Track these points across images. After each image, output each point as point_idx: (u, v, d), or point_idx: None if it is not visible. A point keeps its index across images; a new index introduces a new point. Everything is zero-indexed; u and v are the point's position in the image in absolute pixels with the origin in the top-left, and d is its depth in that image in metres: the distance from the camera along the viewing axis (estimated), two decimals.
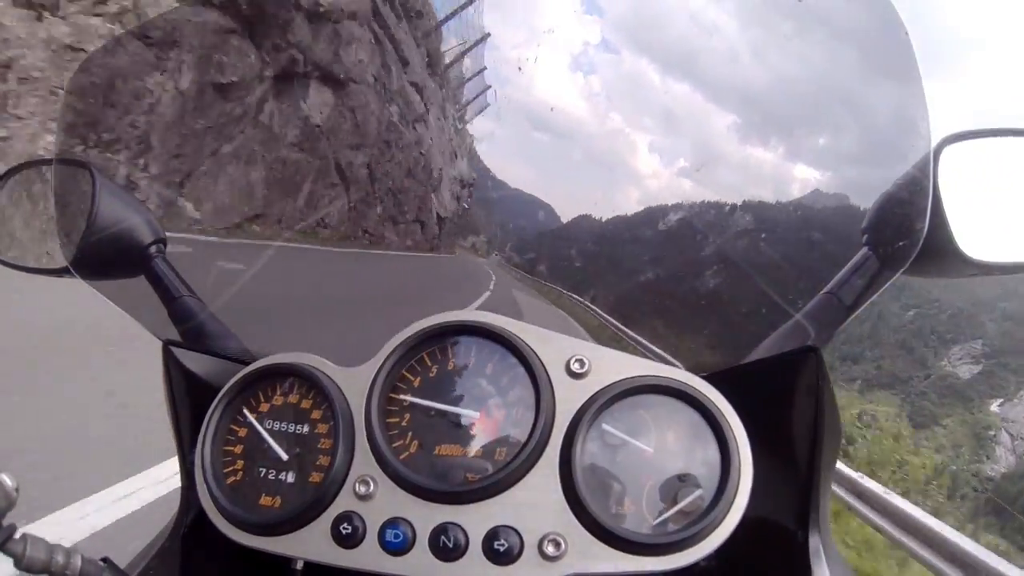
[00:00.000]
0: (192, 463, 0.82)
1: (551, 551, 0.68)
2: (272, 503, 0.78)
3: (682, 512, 0.69)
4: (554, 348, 0.79)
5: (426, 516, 0.73)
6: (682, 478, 0.71)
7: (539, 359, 0.78)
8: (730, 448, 0.70)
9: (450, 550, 0.70)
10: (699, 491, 0.70)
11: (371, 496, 0.75)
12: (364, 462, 0.77)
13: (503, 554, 0.69)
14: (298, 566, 0.77)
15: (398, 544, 0.72)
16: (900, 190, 0.82)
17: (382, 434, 0.78)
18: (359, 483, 0.76)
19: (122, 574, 0.67)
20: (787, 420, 0.77)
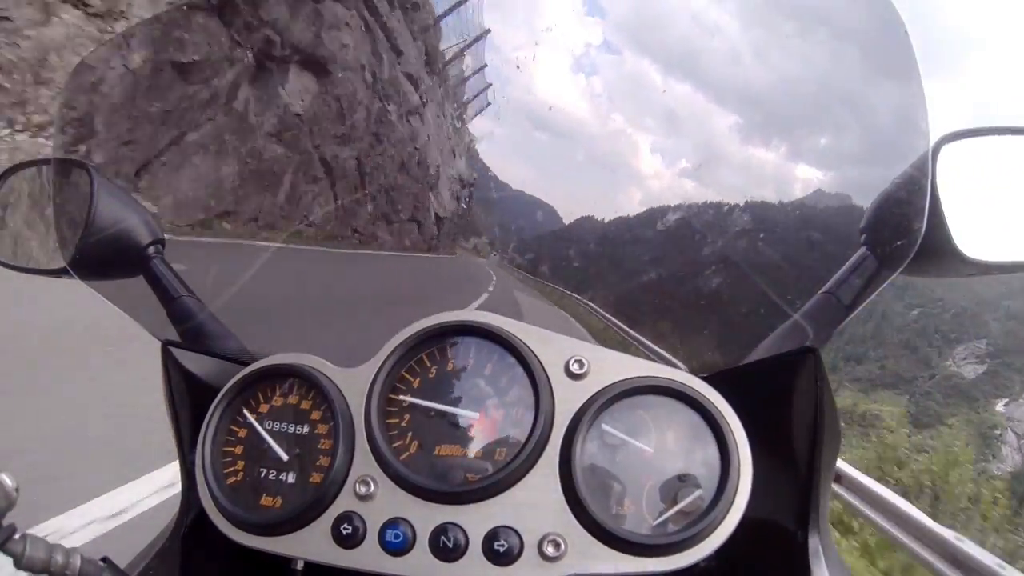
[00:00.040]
0: (192, 463, 0.82)
1: (551, 551, 0.68)
2: (272, 503, 0.78)
3: (682, 512, 0.69)
4: (553, 349, 0.79)
5: (426, 516, 0.73)
6: (682, 478, 0.71)
7: (538, 359, 0.78)
8: (729, 449, 0.70)
9: (450, 550, 0.70)
10: (699, 491, 0.70)
11: (371, 496, 0.75)
12: (364, 462, 0.77)
13: (503, 554, 0.69)
14: (298, 566, 0.77)
15: (398, 544, 0.72)
16: (898, 189, 0.82)
17: (382, 434, 0.78)
18: (359, 483, 0.76)
19: (122, 574, 0.67)
20: (786, 420, 0.77)
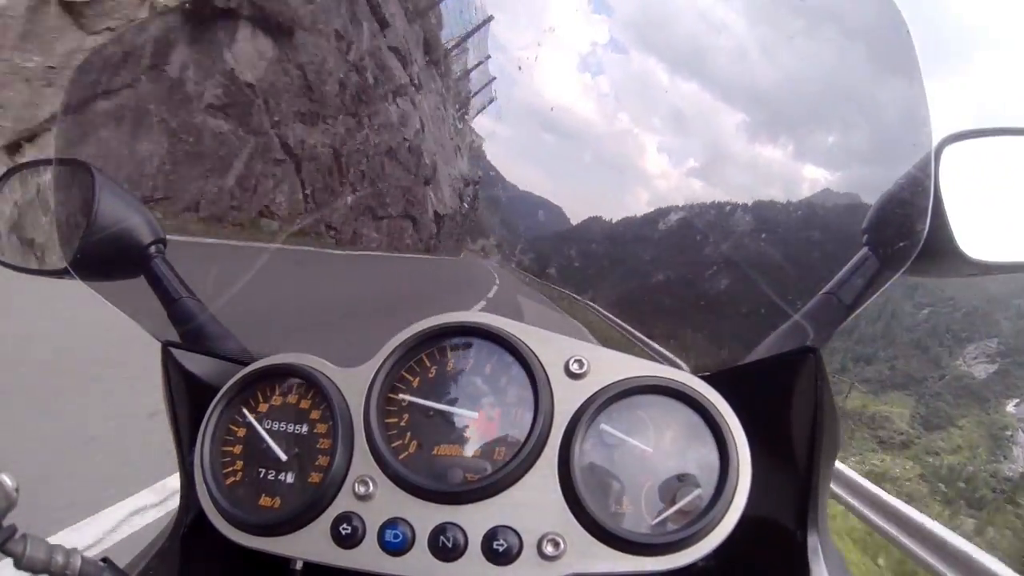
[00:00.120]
0: (191, 464, 0.82)
1: (550, 551, 0.68)
2: (271, 503, 0.78)
3: (681, 512, 0.69)
4: (553, 349, 0.79)
5: (425, 516, 0.73)
6: (681, 478, 0.71)
7: (538, 359, 0.78)
8: (729, 448, 0.70)
9: (449, 550, 0.70)
10: (698, 491, 0.70)
11: (370, 496, 0.75)
12: (363, 462, 0.77)
13: (502, 554, 0.69)
14: (298, 566, 0.77)
15: (397, 544, 0.72)
16: (901, 190, 0.82)
17: (381, 434, 0.78)
18: (358, 483, 0.76)
19: (122, 574, 0.67)
20: (786, 420, 0.77)
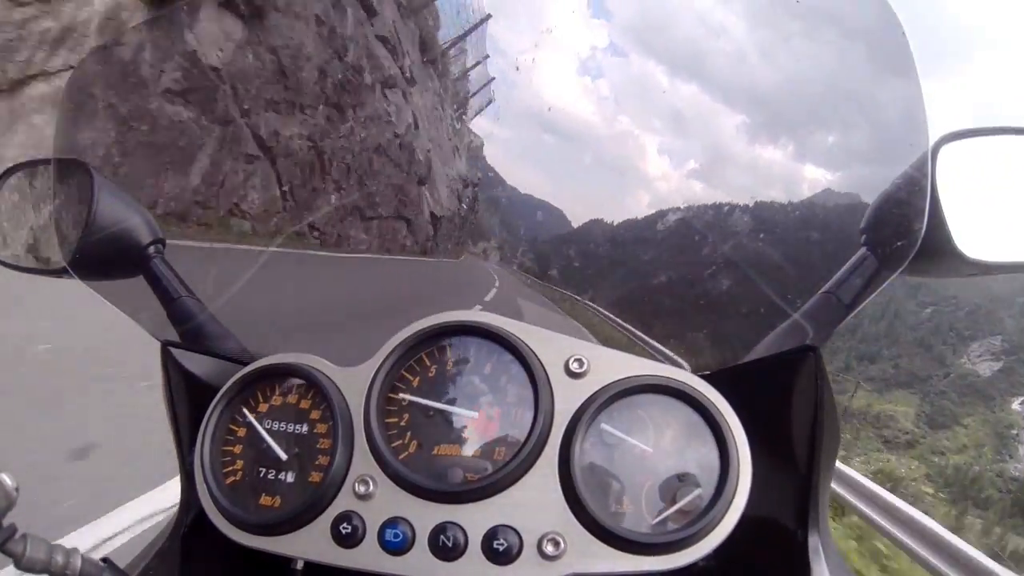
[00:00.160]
0: (191, 463, 0.82)
1: (550, 550, 0.68)
2: (272, 503, 0.78)
3: (681, 511, 0.69)
4: (553, 348, 0.79)
5: (425, 516, 0.73)
6: (681, 477, 0.71)
7: (538, 359, 0.78)
8: (729, 447, 0.70)
9: (449, 550, 0.70)
10: (698, 490, 0.70)
11: (370, 496, 0.75)
12: (363, 462, 0.77)
13: (502, 553, 0.69)
14: (298, 566, 0.77)
15: (398, 544, 0.72)
16: (898, 190, 0.82)
17: (381, 434, 0.78)
18: (358, 483, 0.76)
19: (122, 574, 0.67)
20: (786, 419, 0.77)
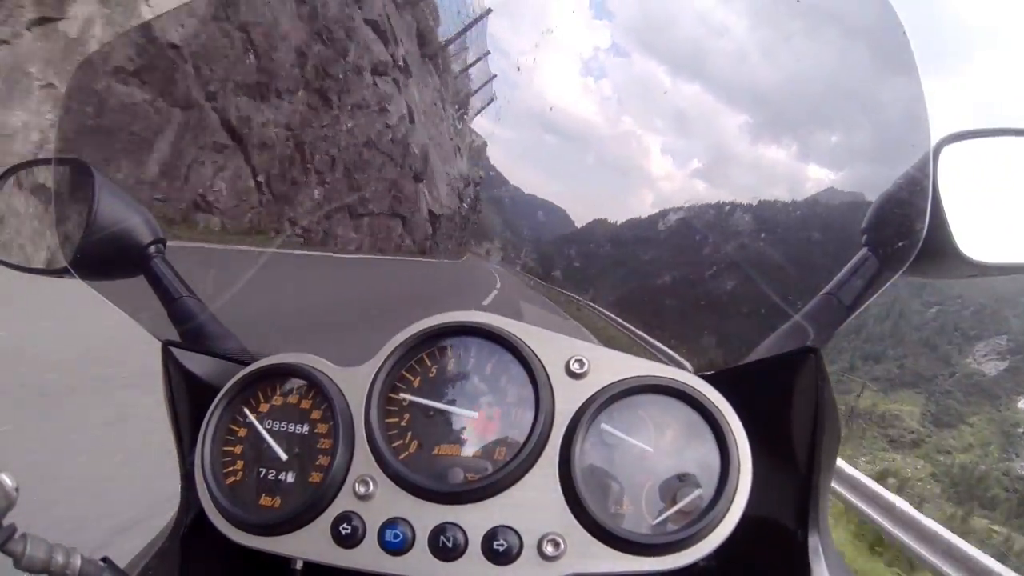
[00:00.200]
0: (192, 464, 0.82)
1: (550, 551, 0.68)
2: (272, 503, 0.78)
3: (681, 512, 0.69)
4: (553, 348, 0.79)
5: (425, 516, 0.73)
6: (681, 478, 0.71)
7: (538, 359, 0.78)
8: (729, 448, 0.70)
9: (449, 550, 0.70)
10: (698, 491, 0.70)
11: (371, 496, 0.75)
12: (364, 462, 0.77)
13: (502, 554, 0.69)
14: (298, 566, 0.77)
15: (397, 544, 0.72)
16: (899, 190, 0.82)
17: (381, 434, 0.78)
18: (359, 483, 0.76)
19: (122, 574, 0.67)
20: (786, 420, 0.77)
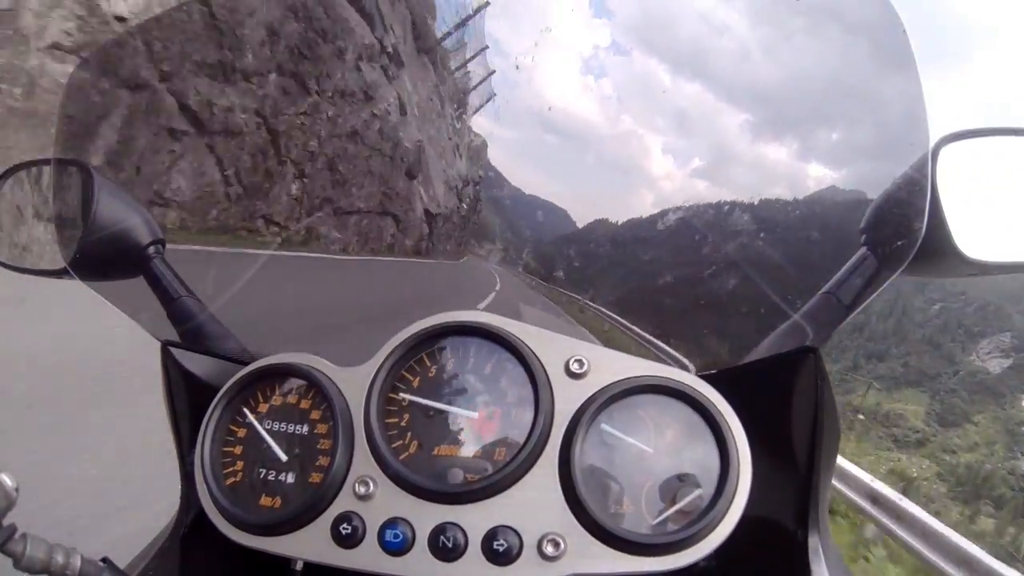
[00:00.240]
0: (192, 464, 0.82)
1: (550, 551, 0.68)
2: (272, 503, 0.78)
3: (681, 512, 0.69)
4: (553, 348, 0.79)
5: (425, 516, 0.73)
6: (681, 478, 0.71)
7: (538, 359, 0.78)
8: (729, 448, 0.70)
9: (449, 550, 0.70)
10: (698, 491, 0.70)
11: (370, 496, 0.75)
12: (363, 462, 0.77)
13: (502, 554, 0.69)
14: (298, 566, 0.77)
15: (398, 544, 0.72)
16: (898, 190, 0.82)
17: (381, 434, 0.78)
18: (358, 483, 0.76)
19: (122, 574, 0.67)
20: (786, 420, 0.77)
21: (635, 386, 0.75)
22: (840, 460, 6.56)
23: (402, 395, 0.81)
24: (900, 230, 0.78)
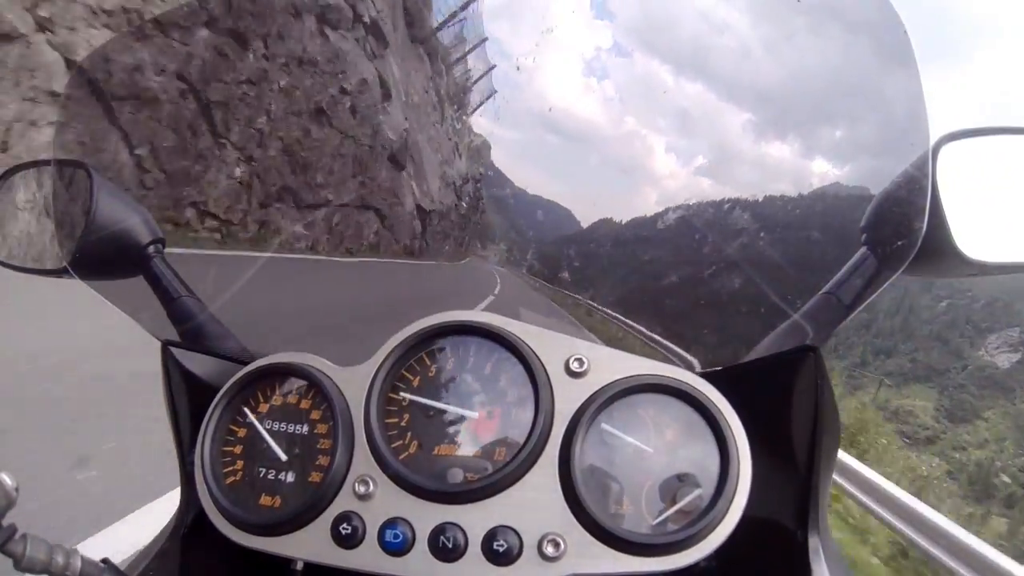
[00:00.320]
0: (192, 463, 0.82)
1: (550, 551, 0.68)
2: (272, 503, 0.78)
3: (681, 512, 0.69)
4: (553, 347, 0.79)
5: (425, 516, 0.73)
6: (681, 478, 0.71)
7: (538, 358, 0.78)
8: (729, 447, 0.70)
9: (449, 550, 0.70)
10: (698, 491, 0.70)
11: (370, 496, 0.75)
12: (363, 462, 0.77)
13: (502, 554, 0.69)
14: (298, 566, 0.77)
15: (397, 544, 0.72)
16: (899, 189, 0.82)
17: (381, 434, 0.78)
18: (358, 483, 0.76)
19: (122, 574, 0.68)
20: (786, 419, 0.77)
21: (635, 385, 0.75)
22: (849, 460, 6.54)
23: (402, 395, 0.81)
24: (900, 229, 0.77)
